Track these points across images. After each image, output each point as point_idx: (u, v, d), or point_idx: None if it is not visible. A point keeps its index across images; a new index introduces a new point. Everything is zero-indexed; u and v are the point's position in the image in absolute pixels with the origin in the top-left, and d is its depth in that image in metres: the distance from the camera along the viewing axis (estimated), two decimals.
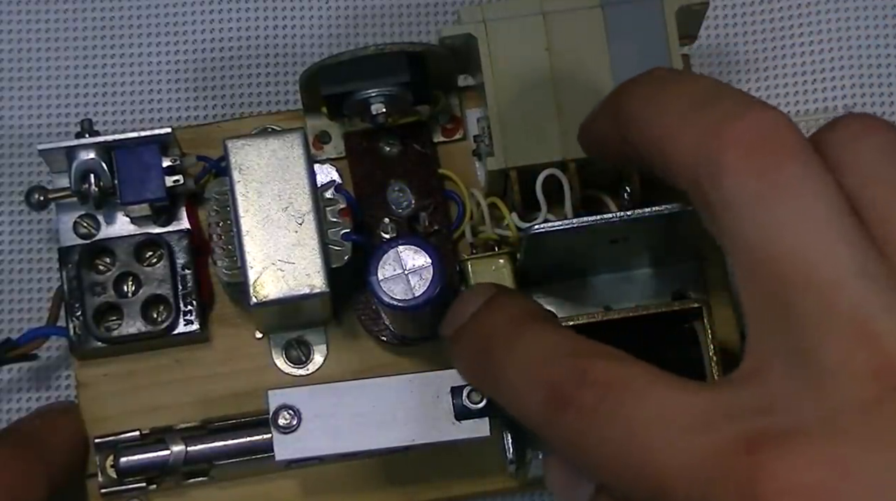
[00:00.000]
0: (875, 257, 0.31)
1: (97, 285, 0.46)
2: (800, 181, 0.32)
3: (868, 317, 0.30)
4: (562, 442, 0.35)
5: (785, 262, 0.32)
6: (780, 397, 0.31)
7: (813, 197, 0.32)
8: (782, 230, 0.32)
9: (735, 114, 0.33)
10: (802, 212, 0.32)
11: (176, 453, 0.45)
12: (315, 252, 0.44)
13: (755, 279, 0.32)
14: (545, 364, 0.36)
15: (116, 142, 0.46)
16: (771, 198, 0.32)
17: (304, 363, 0.48)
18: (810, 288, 0.31)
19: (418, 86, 0.46)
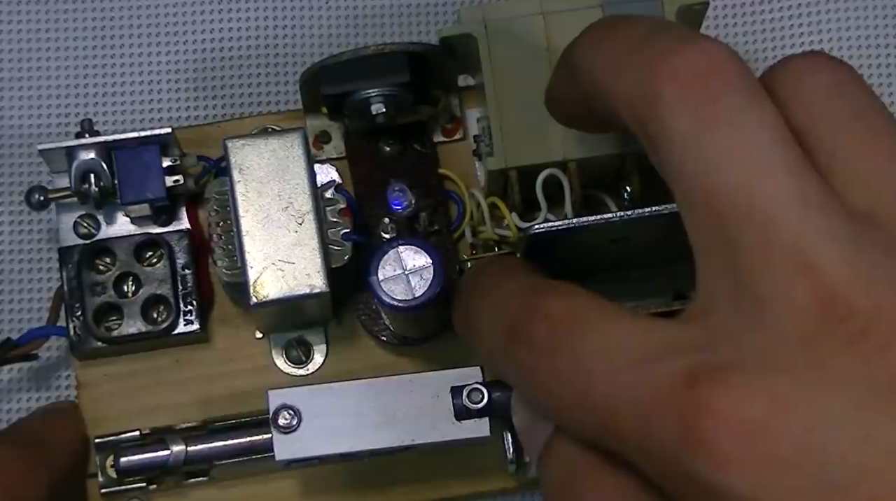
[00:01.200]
0: (819, 187, 0.31)
1: (97, 285, 0.46)
2: (739, 112, 0.32)
3: (808, 248, 0.30)
4: (516, 378, 0.35)
5: (724, 195, 0.31)
6: (723, 332, 0.31)
7: (752, 127, 0.31)
8: (720, 162, 0.31)
9: (672, 49, 0.32)
10: (741, 143, 0.31)
11: (176, 453, 0.45)
12: (315, 252, 0.44)
13: (697, 215, 0.32)
14: (507, 303, 0.36)
15: (116, 142, 0.46)
16: (708, 130, 0.31)
17: (304, 363, 0.48)
18: (749, 219, 0.31)
19: (419, 87, 0.46)
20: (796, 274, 0.30)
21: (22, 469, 0.44)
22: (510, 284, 0.38)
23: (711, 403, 0.29)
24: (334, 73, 0.45)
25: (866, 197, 0.32)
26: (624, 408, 0.31)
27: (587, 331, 0.33)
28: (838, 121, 0.33)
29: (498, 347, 0.36)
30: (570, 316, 0.34)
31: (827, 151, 0.32)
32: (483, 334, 0.37)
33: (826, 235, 0.30)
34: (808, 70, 0.34)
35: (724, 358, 0.30)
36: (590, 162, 0.45)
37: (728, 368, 0.30)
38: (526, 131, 0.45)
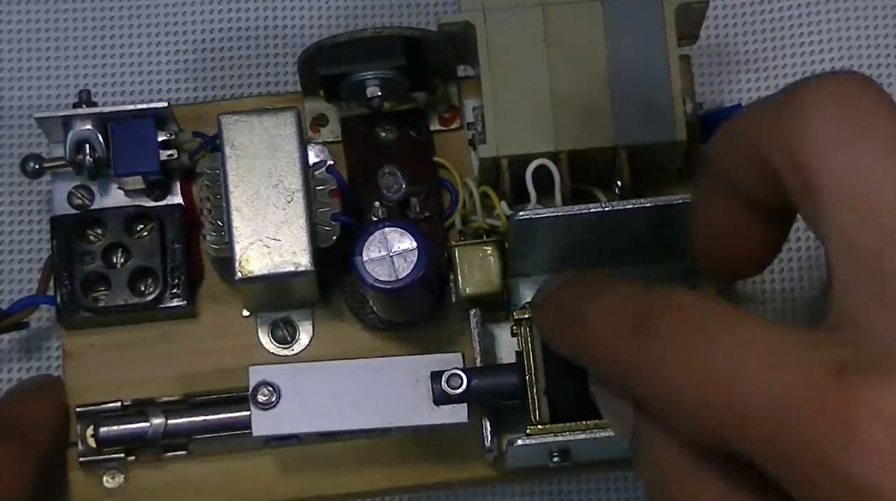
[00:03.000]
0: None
1: (86, 254, 0.47)
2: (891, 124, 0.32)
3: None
4: (635, 369, 0.34)
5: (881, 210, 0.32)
6: (870, 334, 0.30)
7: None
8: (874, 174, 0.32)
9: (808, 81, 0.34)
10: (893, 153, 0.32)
11: (155, 425, 0.45)
12: (302, 230, 0.44)
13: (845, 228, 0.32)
14: (627, 301, 0.35)
15: (112, 114, 0.46)
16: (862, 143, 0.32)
17: (289, 343, 0.48)
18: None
19: (415, 72, 0.46)
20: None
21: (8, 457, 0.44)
22: (629, 282, 0.37)
23: (863, 395, 0.28)
24: (331, 55, 0.46)
25: None
26: (760, 400, 0.30)
27: (720, 327, 0.32)
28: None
29: (616, 341, 0.35)
30: (702, 312, 0.33)
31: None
32: (594, 327, 0.36)
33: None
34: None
35: (872, 354, 0.30)
36: (581, 153, 0.45)
37: (880, 363, 0.29)
38: (519, 120, 0.45)
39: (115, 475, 0.47)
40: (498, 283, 0.45)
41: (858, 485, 0.28)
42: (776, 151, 0.34)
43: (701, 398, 0.31)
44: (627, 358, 0.34)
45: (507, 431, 0.45)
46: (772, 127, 0.34)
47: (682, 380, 0.32)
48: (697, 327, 0.32)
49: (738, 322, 0.32)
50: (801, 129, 0.33)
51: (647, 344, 0.33)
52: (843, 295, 0.32)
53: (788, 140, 0.34)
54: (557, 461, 0.44)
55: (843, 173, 0.32)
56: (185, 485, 0.47)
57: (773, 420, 0.29)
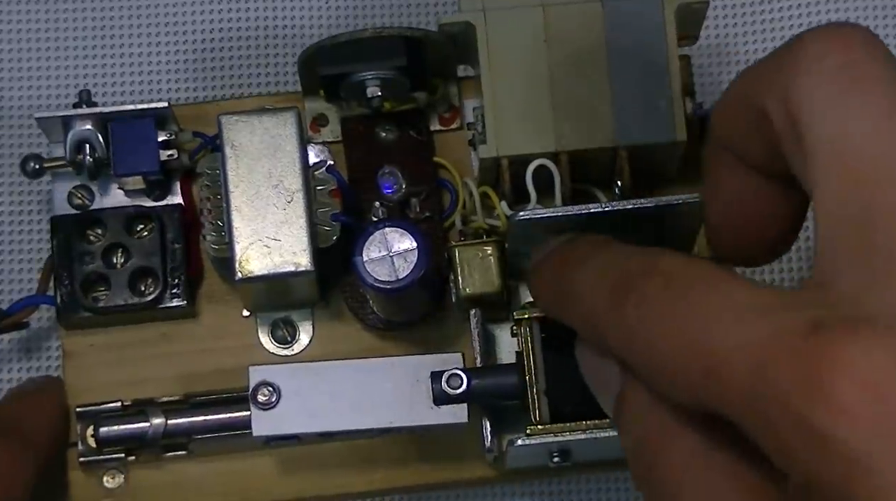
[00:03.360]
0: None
1: (86, 254, 0.47)
2: (884, 77, 0.32)
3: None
4: (618, 332, 0.34)
5: (866, 159, 0.31)
6: (850, 292, 0.30)
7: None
8: (864, 125, 0.31)
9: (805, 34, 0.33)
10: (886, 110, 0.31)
11: (155, 425, 0.45)
12: (302, 230, 0.44)
13: (833, 180, 0.32)
14: (614, 264, 0.35)
15: (112, 114, 0.46)
16: (851, 92, 0.31)
17: (289, 343, 0.48)
18: (887, 187, 0.30)
19: (415, 72, 0.46)
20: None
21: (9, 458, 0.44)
22: (618, 247, 0.37)
23: (837, 352, 0.28)
24: (331, 55, 0.46)
25: None
26: (734, 355, 0.30)
27: (702, 287, 0.32)
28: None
29: (601, 304, 0.35)
30: (685, 273, 0.33)
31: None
32: (582, 293, 0.36)
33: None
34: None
35: (849, 313, 0.30)
36: (581, 154, 0.45)
37: (856, 321, 0.29)
38: (519, 121, 0.45)
39: (115, 475, 0.47)
40: (498, 284, 0.45)
41: (827, 440, 0.28)
42: (773, 104, 0.34)
43: (679, 357, 0.32)
44: (612, 320, 0.34)
45: (507, 431, 0.45)
46: (769, 79, 0.34)
47: (662, 341, 0.32)
48: (677, 288, 0.33)
49: (717, 282, 0.32)
50: (796, 80, 0.32)
51: (630, 306, 0.33)
52: (825, 253, 0.32)
53: (784, 91, 0.33)
54: (558, 461, 0.44)
55: (835, 127, 0.32)
56: (185, 485, 0.47)
57: (746, 377, 0.30)
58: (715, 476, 0.32)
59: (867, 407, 0.28)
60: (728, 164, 0.38)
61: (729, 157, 0.38)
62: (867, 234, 0.31)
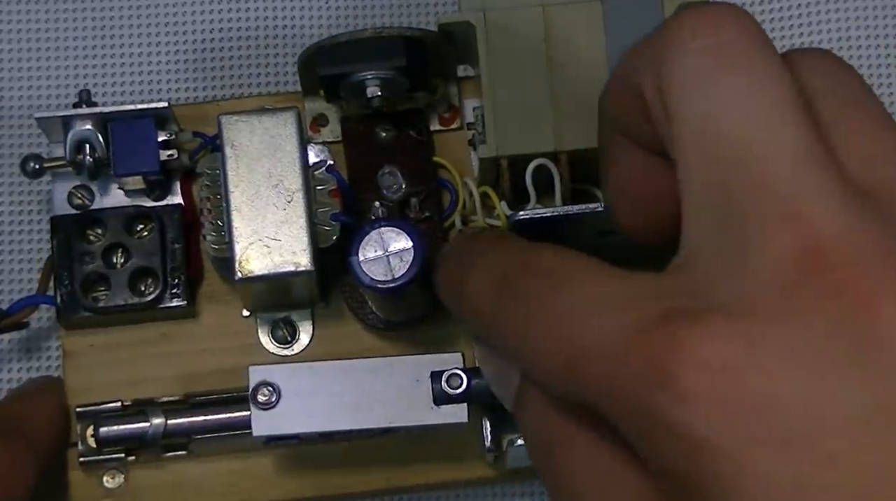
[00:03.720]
0: (820, 146, 0.31)
1: (86, 254, 0.47)
2: (749, 57, 0.32)
3: (799, 198, 0.30)
4: (499, 331, 0.35)
5: (724, 138, 0.31)
6: (704, 280, 0.31)
7: (763, 74, 0.31)
8: (726, 104, 0.31)
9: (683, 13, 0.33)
10: (750, 88, 0.31)
11: (155, 425, 0.45)
12: (302, 230, 0.44)
13: (691, 160, 0.32)
14: (497, 264, 0.36)
15: (112, 114, 0.46)
16: (718, 70, 0.32)
17: (289, 343, 0.48)
18: (745, 165, 0.31)
19: (415, 72, 0.46)
20: (783, 221, 0.30)
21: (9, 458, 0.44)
22: (503, 246, 0.38)
23: (682, 342, 0.29)
24: (331, 55, 0.46)
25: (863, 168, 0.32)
26: (591, 349, 0.31)
27: (570, 283, 0.33)
28: (840, 99, 0.33)
29: (486, 303, 0.36)
30: (558, 271, 0.34)
31: (826, 122, 0.32)
32: (472, 293, 0.37)
33: (819, 189, 0.30)
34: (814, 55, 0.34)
35: (701, 302, 0.30)
36: (581, 154, 0.45)
37: (703, 311, 0.29)
38: (519, 120, 0.45)
39: (115, 475, 0.47)
40: None
41: (673, 426, 0.29)
42: (646, 82, 0.34)
43: (547, 351, 0.32)
44: (494, 317, 0.35)
45: (507, 431, 0.45)
46: (644, 58, 0.34)
47: (534, 335, 0.33)
48: (550, 283, 0.33)
49: (588, 274, 0.33)
50: (665, 59, 0.32)
51: (507, 302, 0.34)
52: (688, 230, 0.32)
53: (655, 70, 0.33)
54: None
55: (698, 106, 0.32)
56: (186, 485, 0.47)
57: (602, 368, 0.30)
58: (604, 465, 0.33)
59: (708, 391, 0.28)
60: (619, 144, 0.37)
61: (619, 137, 0.37)
62: (724, 218, 0.31)
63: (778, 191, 0.30)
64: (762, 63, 0.32)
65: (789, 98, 0.31)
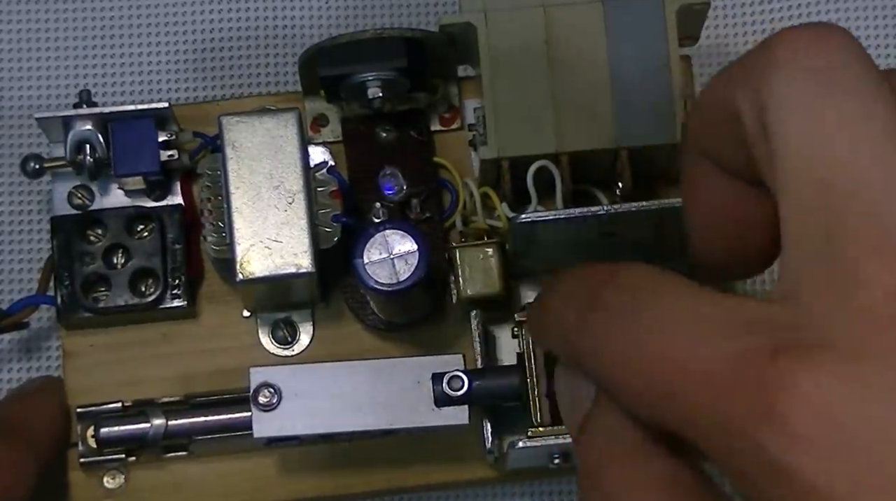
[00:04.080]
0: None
1: (87, 255, 0.47)
2: (858, 82, 0.30)
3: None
4: (585, 347, 0.33)
5: (833, 166, 0.30)
6: (811, 314, 0.29)
7: (872, 100, 0.30)
8: (833, 132, 0.30)
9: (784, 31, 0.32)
10: (859, 116, 0.30)
11: (156, 426, 0.45)
12: (303, 232, 0.44)
13: (796, 190, 0.30)
14: (584, 278, 0.34)
15: (113, 115, 0.46)
16: (826, 97, 0.30)
17: (290, 344, 0.48)
18: (856, 197, 0.29)
19: (416, 73, 0.46)
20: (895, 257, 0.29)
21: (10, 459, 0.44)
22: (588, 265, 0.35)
23: (793, 379, 0.28)
24: (331, 56, 0.45)
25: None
26: (696, 375, 0.29)
27: (663, 300, 0.31)
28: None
29: (572, 319, 0.34)
30: (649, 286, 0.32)
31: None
32: (557, 307, 0.35)
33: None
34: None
35: (811, 337, 0.29)
36: (582, 155, 0.45)
37: (815, 347, 0.28)
38: (520, 122, 0.45)
39: (116, 475, 0.47)
40: (499, 285, 0.45)
41: (783, 468, 0.28)
42: (744, 104, 0.32)
43: (641, 373, 0.31)
44: (581, 335, 0.33)
45: (508, 432, 0.45)
46: (742, 78, 0.32)
47: (626, 355, 0.31)
48: (641, 300, 0.32)
49: (681, 294, 0.31)
50: (768, 80, 0.31)
51: (595, 319, 0.33)
52: (790, 265, 0.31)
53: (756, 91, 0.32)
54: (558, 462, 0.44)
55: (805, 131, 0.30)
56: (186, 486, 0.47)
57: (706, 400, 0.29)
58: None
59: (822, 435, 0.27)
60: (705, 170, 0.36)
61: (705, 163, 0.36)
62: (831, 248, 0.30)
63: (891, 223, 0.29)
64: (872, 88, 0.30)
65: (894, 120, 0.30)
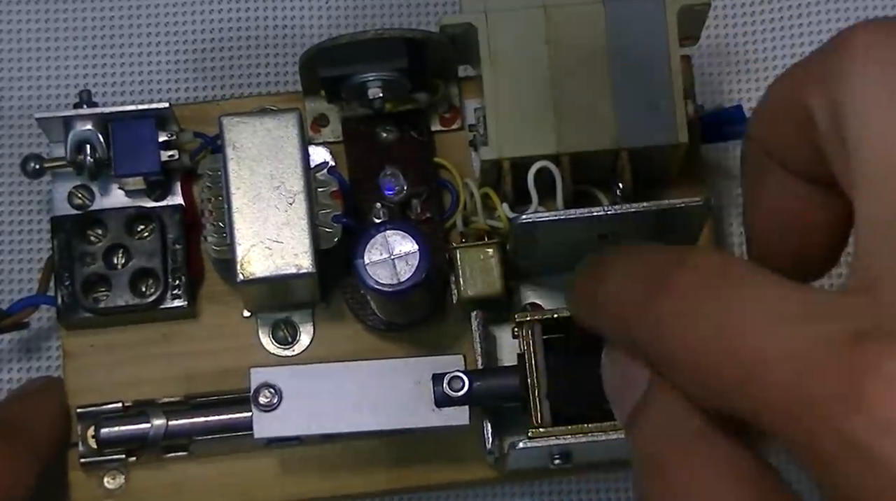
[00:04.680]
0: None
1: (87, 255, 0.47)
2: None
3: None
4: (649, 330, 0.33)
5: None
6: (889, 302, 0.29)
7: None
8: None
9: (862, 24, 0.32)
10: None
11: (156, 426, 0.45)
12: (304, 232, 0.44)
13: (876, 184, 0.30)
14: (646, 261, 0.34)
15: (113, 115, 0.46)
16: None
17: (290, 344, 0.48)
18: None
19: (416, 73, 0.46)
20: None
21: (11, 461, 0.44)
22: (649, 246, 0.35)
23: (879, 364, 0.28)
24: (332, 56, 0.45)
25: None
26: (775, 361, 0.29)
27: (738, 284, 0.31)
28: None
29: (633, 302, 0.33)
30: (720, 268, 0.32)
31: None
32: (615, 292, 0.35)
33: None
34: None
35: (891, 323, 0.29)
36: (583, 156, 0.45)
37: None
38: (521, 123, 0.45)
39: (116, 475, 0.47)
40: (499, 285, 0.45)
41: (869, 453, 0.27)
42: (817, 102, 0.32)
43: (713, 358, 0.31)
44: (644, 315, 0.33)
45: (508, 433, 0.45)
46: (814, 76, 0.32)
47: (696, 339, 0.31)
48: (713, 284, 0.31)
49: (755, 280, 0.31)
50: (842, 76, 0.31)
51: (663, 299, 0.32)
52: (866, 259, 0.31)
53: (829, 88, 0.31)
54: (559, 463, 0.44)
55: (881, 126, 0.30)
56: (186, 486, 0.47)
57: (787, 385, 0.29)
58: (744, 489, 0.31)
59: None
60: (770, 171, 0.36)
61: (771, 163, 0.36)
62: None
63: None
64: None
65: None
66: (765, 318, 0.30)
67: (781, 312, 0.30)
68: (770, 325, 0.30)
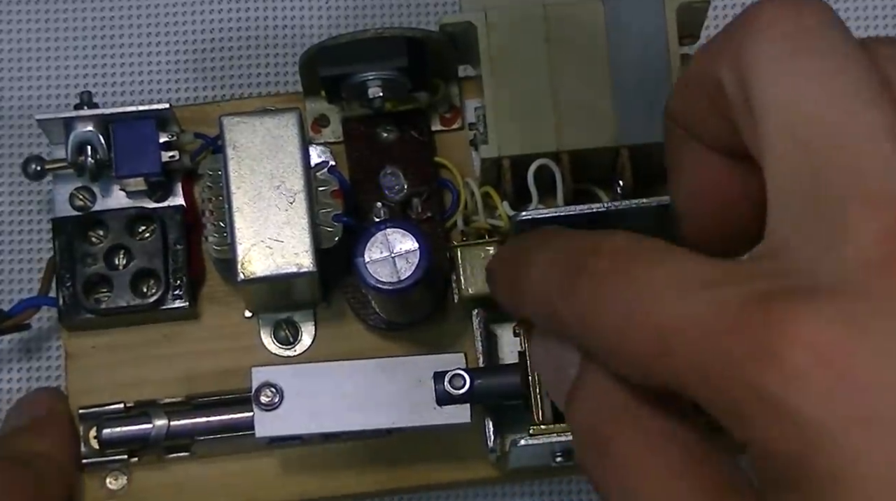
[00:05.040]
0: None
1: (88, 256, 0.47)
2: (832, 41, 0.31)
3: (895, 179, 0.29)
4: (572, 313, 0.34)
5: (812, 122, 0.31)
6: (798, 262, 0.30)
7: (846, 57, 0.31)
8: (811, 90, 0.31)
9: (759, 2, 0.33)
10: (834, 72, 0.31)
11: (158, 427, 0.45)
12: (304, 231, 0.44)
13: (779, 146, 0.31)
14: (562, 250, 0.35)
15: (114, 116, 0.46)
16: (802, 56, 0.31)
17: (291, 344, 0.48)
18: (836, 148, 0.30)
19: (416, 73, 0.46)
20: (881, 205, 0.29)
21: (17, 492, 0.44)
22: (568, 232, 0.37)
23: (789, 322, 0.28)
24: (332, 55, 0.46)
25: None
26: (685, 328, 0.30)
27: (650, 262, 0.32)
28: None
29: (555, 288, 0.34)
30: (634, 250, 0.33)
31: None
32: (537, 280, 0.36)
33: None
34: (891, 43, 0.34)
35: (799, 283, 0.29)
36: (583, 154, 0.45)
37: (807, 291, 0.29)
38: (521, 121, 0.45)
39: (118, 476, 0.47)
40: None
41: (781, 407, 0.28)
42: (725, 72, 0.33)
43: (630, 333, 0.31)
44: (566, 301, 0.34)
45: (509, 431, 0.45)
46: (722, 48, 0.33)
47: (614, 317, 0.32)
48: (626, 264, 0.32)
49: (665, 255, 0.32)
50: (747, 45, 0.32)
51: (582, 285, 0.33)
52: (773, 223, 0.32)
53: (736, 58, 0.33)
54: (560, 461, 0.44)
55: (784, 91, 0.31)
56: (188, 486, 0.47)
57: (696, 349, 0.30)
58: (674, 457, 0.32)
59: (819, 373, 0.28)
60: (689, 146, 0.37)
61: (690, 142, 0.37)
62: (816, 201, 0.30)
63: (873, 169, 0.30)
64: (844, 46, 0.31)
65: (873, 80, 0.31)
66: (674, 290, 0.31)
67: (690, 282, 0.31)
68: (679, 296, 0.30)
